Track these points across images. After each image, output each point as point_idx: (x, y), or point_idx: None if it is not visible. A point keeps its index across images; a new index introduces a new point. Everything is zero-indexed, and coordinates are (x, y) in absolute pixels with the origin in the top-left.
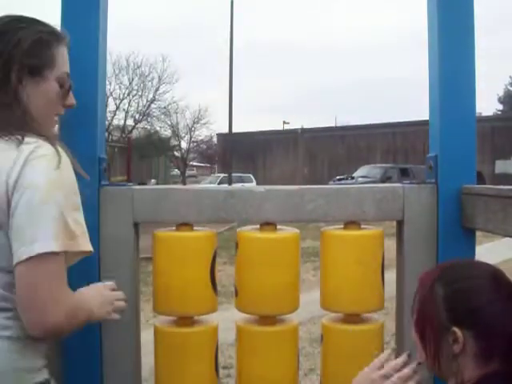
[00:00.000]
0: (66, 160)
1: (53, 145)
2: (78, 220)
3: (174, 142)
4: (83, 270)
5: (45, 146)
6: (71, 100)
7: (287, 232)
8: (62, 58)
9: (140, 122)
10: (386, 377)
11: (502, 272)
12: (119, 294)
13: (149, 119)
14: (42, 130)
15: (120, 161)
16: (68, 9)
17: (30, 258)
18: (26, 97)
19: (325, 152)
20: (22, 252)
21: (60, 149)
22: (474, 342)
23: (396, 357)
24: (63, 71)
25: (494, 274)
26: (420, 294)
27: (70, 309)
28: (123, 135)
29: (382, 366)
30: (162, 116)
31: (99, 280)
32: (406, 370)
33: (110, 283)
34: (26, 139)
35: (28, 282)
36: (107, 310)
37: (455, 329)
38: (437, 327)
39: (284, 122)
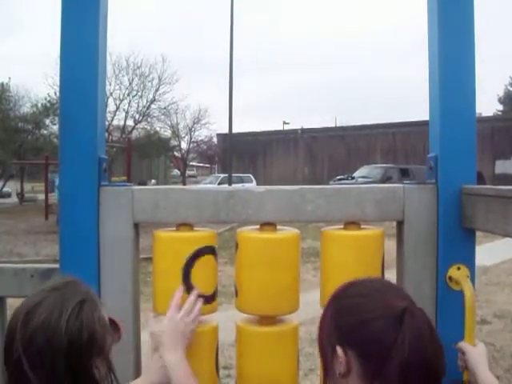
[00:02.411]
0: None
1: None
2: None
3: (173, 143)
4: (83, 270)
5: None
6: None
7: (287, 232)
8: None
9: (140, 122)
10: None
11: (395, 290)
12: (186, 310)
13: (149, 119)
14: None
15: (120, 161)
16: (68, 9)
17: None
18: None
19: (325, 152)
20: None
21: None
22: (357, 362)
23: None
24: None
25: (380, 291)
26: (323, 310)
27: None
28: (123, 135)
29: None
30: (162, 116)
31: (99, 280)
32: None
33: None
34: None
35: None
36: (188, 336)
37: (338, 348)
38: (328, 345)
39: (284, 122)
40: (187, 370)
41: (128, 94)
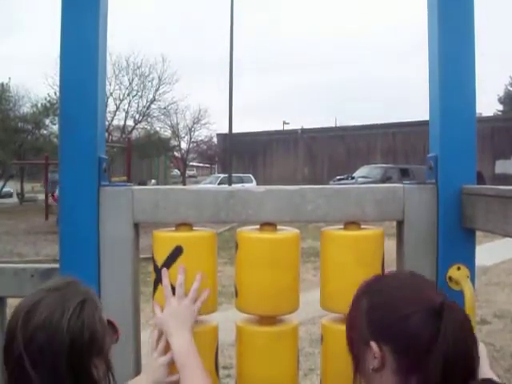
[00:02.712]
0: None
1: None
2: None
3: (173, 143)
4: (83, 271)
5: None
6: None
7: (287, 232)
8: None
9: (140, 122)
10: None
11: (428, 284)
12: (191, 296)
13: (149, 119)
14: None
15: (120, 161)
16: (68, 9)
17: None
18: None
19: (325, 152)
20: None
21: None
22: (392, 357)
23: None
24: None
25: (414, 285)
26: (351, 305)
27: None
28: (123, 135)
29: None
30: (162, 116)
31: (99, 280)
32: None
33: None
34: None
35: None
36: (192, 319)
37: (372, 343)
38: (360, 341)
39: (284, 122)
40: (196, 352)
41: (128, 94)
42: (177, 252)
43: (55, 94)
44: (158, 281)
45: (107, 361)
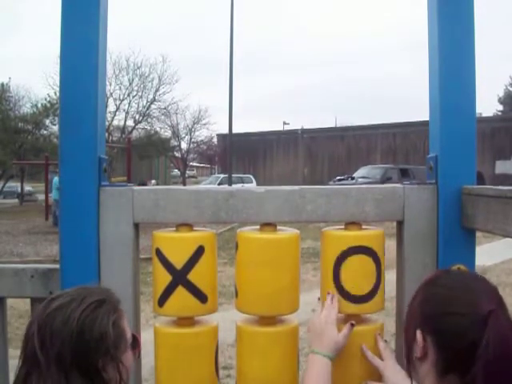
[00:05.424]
0: None
1: None
2: None
3: (174, 143)
4: (83, 271)
5: None
6: None
7: (287, 232)
8: None
9: (140, 122)
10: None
11: (486, 287)
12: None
13: (149, 120)
14: None
15: (120, 161)
16: (68, 9)
17: None
18: None
19: (325, 152)
20: None
21: None
22: (434, 349)
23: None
24: None
25: (471, 287)
26: (413, 294)
27: None
28: (123, 136)
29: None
30: (162, 117)
31: (99, 281)
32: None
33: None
34: None
35: None
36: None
37: (418, 332)
38: (411, 329)
39: (284, 123)
40: None
41: (128, 95)
42: (199, 252)
43: (55, 94)
44: (175, 283)
45: (118, 367)
